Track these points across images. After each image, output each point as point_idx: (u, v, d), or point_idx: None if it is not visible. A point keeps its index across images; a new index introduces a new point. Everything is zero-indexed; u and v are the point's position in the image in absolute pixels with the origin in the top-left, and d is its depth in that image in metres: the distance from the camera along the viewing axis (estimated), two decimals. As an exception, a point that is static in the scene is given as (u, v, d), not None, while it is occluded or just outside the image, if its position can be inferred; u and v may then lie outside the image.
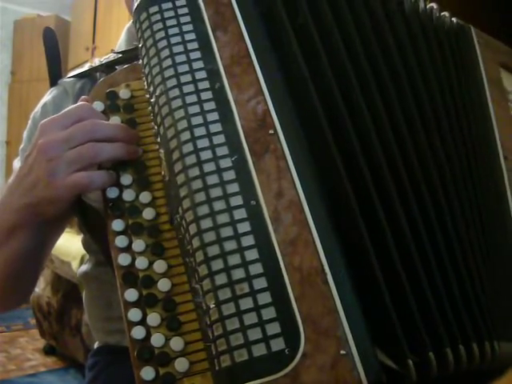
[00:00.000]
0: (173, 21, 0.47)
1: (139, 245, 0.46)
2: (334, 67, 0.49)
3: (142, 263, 0.45)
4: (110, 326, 0.73)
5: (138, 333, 0.43)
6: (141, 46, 0.49)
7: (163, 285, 0.45)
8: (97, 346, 0.79)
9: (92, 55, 3.54)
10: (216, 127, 0.44)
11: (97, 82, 0.57)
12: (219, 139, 0.43)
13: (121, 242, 0.47)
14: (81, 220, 0.58)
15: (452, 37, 0.62)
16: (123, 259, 0.46)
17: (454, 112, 0.57)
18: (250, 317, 0.38)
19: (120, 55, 0.69)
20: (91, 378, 0.75)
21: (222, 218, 0.41)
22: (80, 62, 3.41)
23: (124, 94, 0.53)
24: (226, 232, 0.40)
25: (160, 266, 0.45)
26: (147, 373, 0.42)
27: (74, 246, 1.93)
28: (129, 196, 0.48)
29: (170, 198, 0.45)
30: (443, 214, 0.50)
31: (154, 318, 0.43)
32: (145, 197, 0.48)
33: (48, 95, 0.77)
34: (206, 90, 0.45)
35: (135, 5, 0.49)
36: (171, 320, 0.43)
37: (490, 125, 0.60)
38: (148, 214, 0.47)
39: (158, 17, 0.47)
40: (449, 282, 0.48)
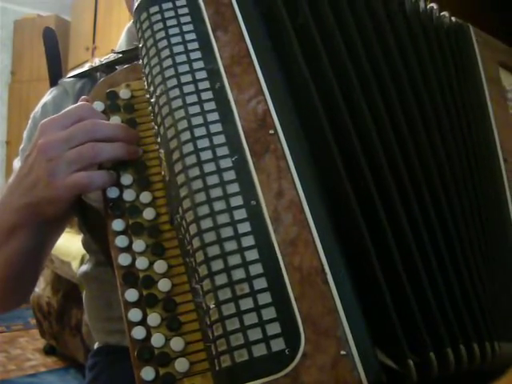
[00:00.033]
0: (173, 21, 0.47)
1: (139, 245, 0.46)
2: (335, 67, 0.49)
3: (142, 263, 0.45)
4: (110, 326, 0.73)
5: (139, 333, 0.43)
6: (141, 45, 0.49)
7: (163, 285, 0.44)
8: (97, 346, 0.79)
9: (92, 55, 3.54)
10: (216, 127, 0.44)
11: (97, 82, 0.57)
12: (219, 139, 0.43)
13: (121, 241, 0.47)
14: (81, 220, 0.58)
15: (451, 36, 0.62)
16: (123, 259, 0.46)
17: (455, 111, 0.57)
18: (250, 317, 0.38)
19: (120, 55, 0.69)
20: (91, 379, 0.75)
21: (223, 218, 0.41)
22: (80, 61, 3.41)
23: (124, 94, 0.53)
24: (227, 232, 0.40)
25: (160, 266, 0.45)
26: (147, 373, 0.42)
27: (74, 246, 1.93)
28: (129, 196, 0.48)
29: (171, 198, 0.45)
30: (444, 214, 0.50)
31: (154, 318, 0.43)
32: (145, 197, 0.48)
33: (48, 95, 0.76)
34: (206, 90, 0.45)
35: (135, 5, 0.49)
36: (171, 320, 0.43)
37: (489, 124, 0.60)
38: (148, 214, 0.47)
39: (158, 17, 0.47)
40: (449, 282, 0.48)
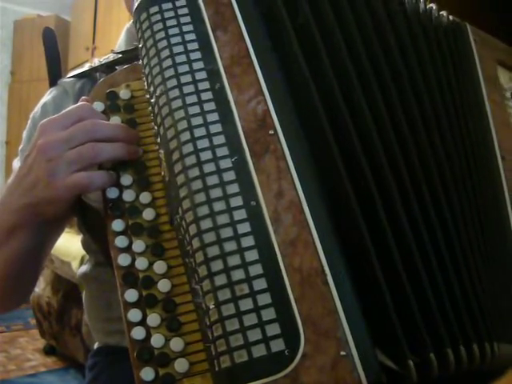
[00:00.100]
0: (173, 21, 0.47)
1: (139, 245, 0.46)
2: (336, 67, 0.49)
3: (142, 264, 0.45)
4: (109, 327, 0.73)
5: (138, 333, 0.43)
6: (141, 46, 0.49)
7: (163, 285, 0.44)
8: (97, 346, 0.79)
9: (92, 55, 3.54)
10: (216, 128, 0.44)
11: (97, 82, 0.56)
12: (219, 140, 0.43)
13: (121, 242, 0.47)
14: (80, 220, 0.58)
15: (450, 36, 0.61)
16: (123, 259, 0.46)
17: (454, 111, 0.57)
18: (249, 317, 0.38)
19: (120, 55, 0.69)
20: (91, 379, 0.75)
21: (222, 219, 0.41)
22: (80, 62, 3.41)
23: (124, 94, 0.53)
24: (226, 233, 0.40)
25: (160, 267, 0.45)
26: (147, 373, 0.41)
27: (74, 246, 1.93)
28: (129, 196, 0.48)
29: (170, 199, 0.45)
30: (443, 214, 0.50)
31: (153, 319, 0.43)
32: (145, 197, 0.48)
33: (48, 95, 0.76)
34: (206, 90, 0.45)
35: (135, 5, 0.49)
36: (171, 321, 0.43)
37: (487, 124, 0.60)
38: (148, 214, 0.47)
39: (158, 17, 0.47)
40: (449, 282, 0.48)
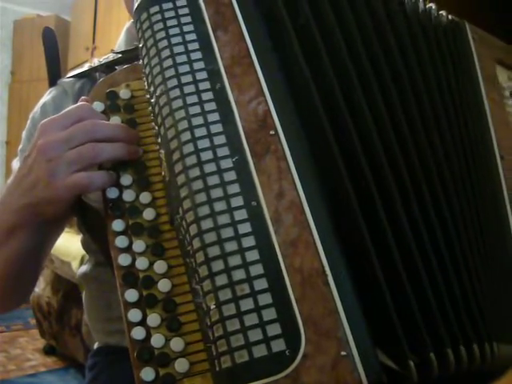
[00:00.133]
0: (173, 21, 0.47)
1: (139, 245, 0.46)
2: (336, 67, 0.49)
3: (142, 264, 0.45)
4: (109, 327, 0.73)
5: (138, 333, 0.43)
6: (141, 46, 0.49)
7: (163, 285, 0.44)
8: (97, 346, 0.78)
9: (92, 55, 3.54)
10: (217, 128, 0.44)
11: (96, 82, 0.56)
12: (220, 140, 0.43)
13: (121, 242, 0.46)
14: (80, 220, 0.58)
15: (449, 35, 0.61)
16: (123, 259, 0.46)
17: (453, 110, 0.57)
18: (250, 318, 0.38)
19: (119, 55, 0.69)
20: (91, 379, 0.75)
21: (223, 219, 0.41)
22: (80, 62, 3.41)
23: (124, 94, 0.53)
24: (227, 233, 0.40)
25: (160, 267, 0.45)
26: (147, 373, 0.41)
27: (74, 245, 1.93)
28: (129, 196, 0.48)
29: (171, 199, 0.45)
30: (443, 214, 0.50)
31: (154, 319, 0.43)
32: (145, 197, 0.48)
33: (47, 95, 0.76)
34: (206, 90, 0.45)
35: (136, 5, 0.49)
36: (171, 321, 0.43)
37: (486, 123, 0.60)
38: (148, 214, 0.47)
39: (158, 17, 0.47)
40: (449, 282, 0.48)
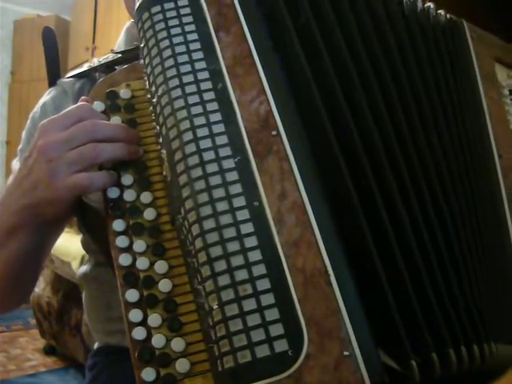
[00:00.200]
0: (175, 21, 0.47)
1: (140, 245, 0.46)
2: (336, 67, 0.49)
3: (142, 264, 0.45)
4: (110, 327, 0.73)
5: (139, 333, 0.43)
6: (143, 45, 0.48)
7: (164, 285, 0.44)
8: (97, 346, 0.78)
9: (92, 55, 3.54)
10: (219, 128, 0.44)
11: (96, 82, 0.56)
12: (222, 140, 0.43)
13: (121, 242, 0.46)
14: (80, 220, 0.58)
15: (447, 34, 0.61)
16: (124, 259, 0.46)
17: (451, 109, 0.57)
18: (253, 318, 0.38)
19: (119, 55, 0.69)
20: (91, 379, 0.74)
21: (225, 219, 0.41)
22: (80, 62, 3.40)
23: (125, 93, 0.52)
24: (229, 233, 0.40)
25: (161, 267, 0.45)
26: (148, 374, 0.41)
27: (74, 245, 1.93)
28: (130, 196, 0.48)
29: (172, 199, 0.45)
30: (442, 213, 0.50)
31: (154, 319, 0.43)
32: (146, 197, 0.48)
33: (47, 95, 0.76)
34: (208, 90, 0.45)
35: (137, 4, 0.49)
36: (172, 321, 0.43)
37: (484, 121, 0.60)
38: (149, 214, 0.47)
39: (160, 17, 0.47)
40: (449, 282, 0.48)
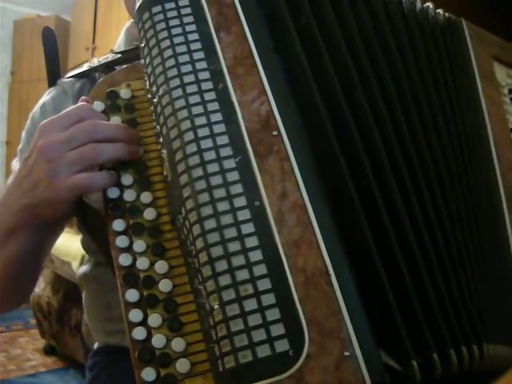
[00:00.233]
0: (176, 21, 0.47)
1: (140, 245, 0.46)
2: (337, 66, 0.49)
3: (142, 264, 0.45)
4: (110, 327, 0.73)
5: (139, 333, 0.43)
6: (143, 45, 0.48)
7: (164, 285, 0.44)
8: (97, 346, 0.78)
9: (92, 55, 3.54)
10: (220, 128, 0.44)
11: (96, 82, 0.56)
12: (223, 140, 0.43)
13: (122, 242, 0.46)
14: (80, 220, 0.58)
15: (446, 33, 0.62)
16: (124, 259, 0.46)
17: (450, 108, 0.57)
18: (254, 318, 0.38)
19: (119, 55, 0.69)
20: (91, 379, 0.74)
21: (226, 219, 0.41)
22: (80, 62, 3.40)
23: (125, 93, 0.52)
24: (230, 233, 0.40)
25: (161, 267, 0.45)
26: (148, 374, 0.41)
27: (74, 245, 1.93)
28: (130, 196, 0.48)
29: (173, 199, 0.45)
30: (441, 213, 0.50)
31: (155, 319, 0.43)
32: (146, 197, 0.48)
33: (47, 95, 0.76)
34: (209, 90, 0.45)
35: (137, 4, 0.49)
36: (172, 321, 0.43)
37: (483, 120, 0.60)
38: (149, 214, 0.47)
39: (160, 16, 0.47)
40: (448, 282, 0.48)
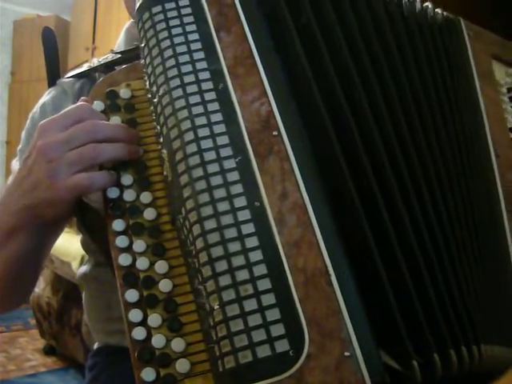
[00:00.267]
0: (176, 21, 0.47)
1: (140, 245, 0.46)
2: (337, 66, 0.49)
3: (142, 264, 0.45)
4: (110, 327, 0.73)
5: (139, 334, 0.43)
6: (143, 45, 0.48)
7: (164, 285, 0.44)
8: (97, 346, 0.78)
9: (92, 55, 3.54)
10: (220, 128, 0.44)
11: (96, 82, 0.56)
12: (223, 140, 0.43)
13: (121, 242, 0.46)
14: (80, 220, 0.58)
15: (445, 32, 0.61)
16: (124, 259, 0.46)
17: (448, 107, 0.57)
18: (254, 318, 0.38)
19: (119, 55, 0.69)
20: (91, 379, 0.74)
21: (226, 219, 0.41)
22: (80, 62, 3.40)
23: (124, 93, 0.52)
24: (230, 233, 0.40)
25: (161, 267, 0.45)
26: (148, 374, 0.41)
27: (74, 246, 1.93)
28: (129, 196, 0.48)
29: (173, 199, 0.45)
30: (441, 213, 0.50)
31: (154, 319, 0.43)
32: (145, 197, 0.48)
33: (46, 95, 0.76)
34: (209, 90, 0.45)
35: (137, 4, 0.49)
36: (172, 321, 0.43)
37: (481, 120, 0.60)
38: (149, 214, 0.47)
39: (161, 16, 0.47)
40: (448, 282, 0.48)
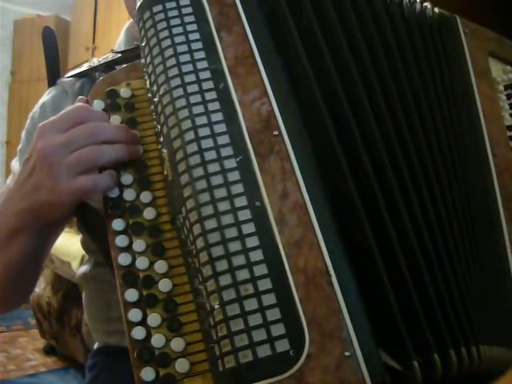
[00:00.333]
0: (177, 20, 0.47)
1: (140, 245, 0.46)
2: (338, 66, 0.49)
3: (142, 263, 0.45)
4: (109, 327, 0.73)
5: (138, 333, 0.43)
6: (144, 45, 0.48)
7: (164, 285, 0.44)
8: (97, 346, 0.78)
9: (92, 55, 3.54)
10: (220, 128, 0.44)
11: (96, 81, 0.56)
12: (224, 140, 0.43)
13: (121, 241, 0.46)
14: (80, 220, 0.58)
15: (443, 31, 0.62)
16: (123, 259, 0.45)
17: (446, 106, 0.57)
18: (254, 318, 0.38)
19: (119, 55, 0.69)
20: (91, 379, 0.74)
21: (227, 219, 0.41)
22: (80, 62, 3.40)
23: (125, 92, 0.52)
24: (231, 233, 0.40)
25: (161, 267, 0.45)
26: (147, 373, 0.41)
27: (74, 245, 1.93)
28: (129, 195, 0.48)
29: (173, 198, 0.45)
30: (440, 212, 0.50)
31: (154, 319, 0.43)
32: (145, 196, 0.48)
33: (46, 95, 0.76)
34: (210, 90, 0.45)
35: (138, 4, 0.49)
36: (172, 320, 0.43)
37: (477, 118, 0.60)
38: (149, 213, 0.47)
39: (161, 16, 0.47)
40: (448, 282, 0.48)
